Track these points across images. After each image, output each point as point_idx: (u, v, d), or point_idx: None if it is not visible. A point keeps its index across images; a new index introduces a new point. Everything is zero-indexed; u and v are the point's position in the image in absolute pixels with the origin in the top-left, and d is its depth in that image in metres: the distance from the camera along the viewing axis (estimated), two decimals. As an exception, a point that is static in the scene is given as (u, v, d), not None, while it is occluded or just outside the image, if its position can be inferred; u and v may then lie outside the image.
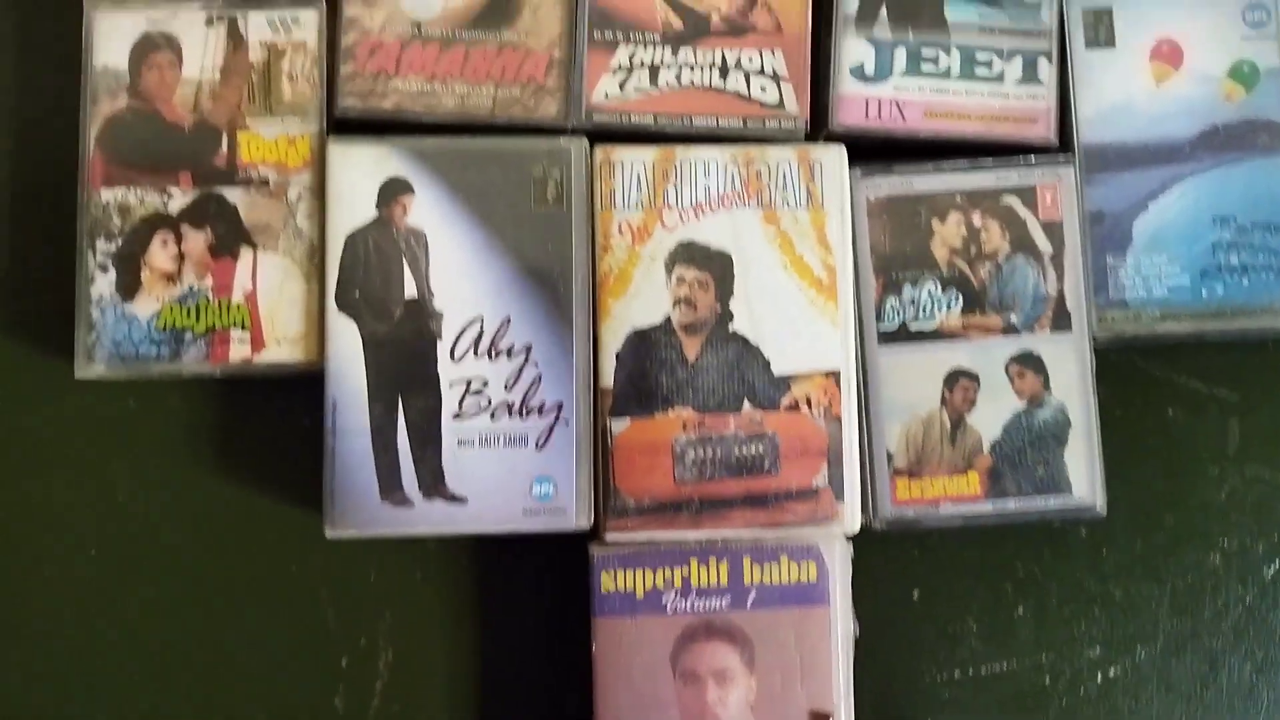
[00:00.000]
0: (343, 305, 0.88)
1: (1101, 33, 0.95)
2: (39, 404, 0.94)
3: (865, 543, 0.92)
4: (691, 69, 0.93)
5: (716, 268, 0.90)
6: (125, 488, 0.94)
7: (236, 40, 0.89)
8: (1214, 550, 0.97)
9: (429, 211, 0.88)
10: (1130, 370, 0.97)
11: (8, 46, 0.96)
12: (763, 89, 0.93)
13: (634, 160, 0.90)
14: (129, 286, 0.88)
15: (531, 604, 0.94)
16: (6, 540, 0.94)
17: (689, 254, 0.90)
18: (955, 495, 0.92)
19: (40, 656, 0.93)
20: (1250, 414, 0.98)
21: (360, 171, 0.88)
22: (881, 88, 0.94)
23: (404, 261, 0.88)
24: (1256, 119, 0.95)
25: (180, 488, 0.94)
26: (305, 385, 0.90)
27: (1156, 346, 0.97)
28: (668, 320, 0.89)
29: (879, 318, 0.93)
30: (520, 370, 0.88)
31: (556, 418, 0.88)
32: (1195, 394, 0.98)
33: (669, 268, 0.90)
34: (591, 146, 0.91)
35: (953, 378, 0.93)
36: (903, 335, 0.93)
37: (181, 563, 0.94)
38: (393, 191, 0.88)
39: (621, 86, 0.92)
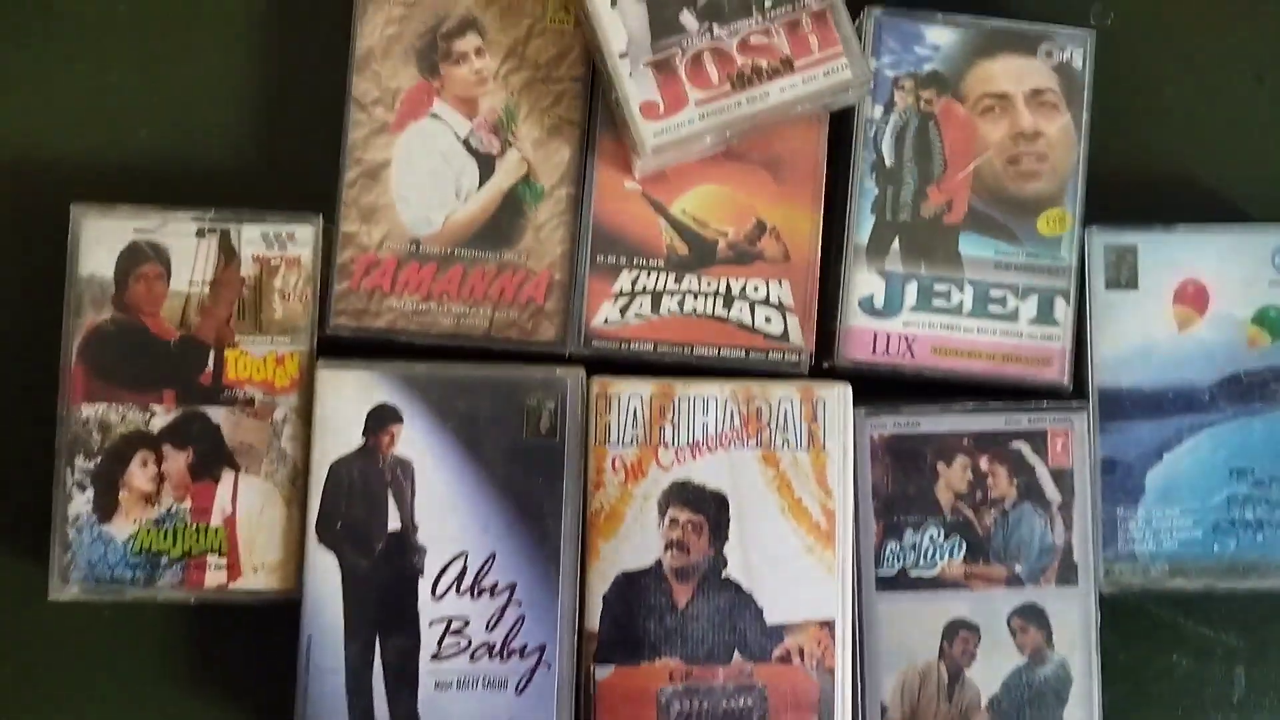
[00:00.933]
0: (324, 538, 0.85)
1: (1124, 272, 0.93)
2: (12, 619, 0.90)
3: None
4: (695, 296, 0.90)
5: (711, 510, 0.87)
6: (96, 711, 0.90)
7: (228, 254, 0.87)
8: (1220, 801, 0.93)
9: (417, 440, 0.86)
10: (1137, 614, 0.95)
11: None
12: (767, 319, 0.90)
13: (631, 394, 0.87)
14: (107, 507, 0.86)
15: None
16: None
17: (684, 495, 0.87)
18: (949, 754, 0.89)
19: None
20: (1257, 661, 0.95)
21: (348, 397, 0.86)
22: (891, 322, 0.91)
23: (389, 493, 0.85)
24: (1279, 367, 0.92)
25: (153, 712, 0.91)
26: (283, 611, 0.87)
27: (1165, 591, 0.93)
28: (659, 564, 0.86)
29: (878, 563, 0.90)
30: (503, 610, 0.85)
31: (539, 661, 0.85)
32: (1202, 639, 0.95)
33: (662, 508, 0.87)
34: (588, 375, 0.88)
35: (952, 629, 0.90)
36: (902, 582, 0.90)
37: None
38: (381, 420, 0.85)
39: (623, 312, 0.90)
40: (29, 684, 0.90)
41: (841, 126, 0.92)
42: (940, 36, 0.93)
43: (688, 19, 0.88)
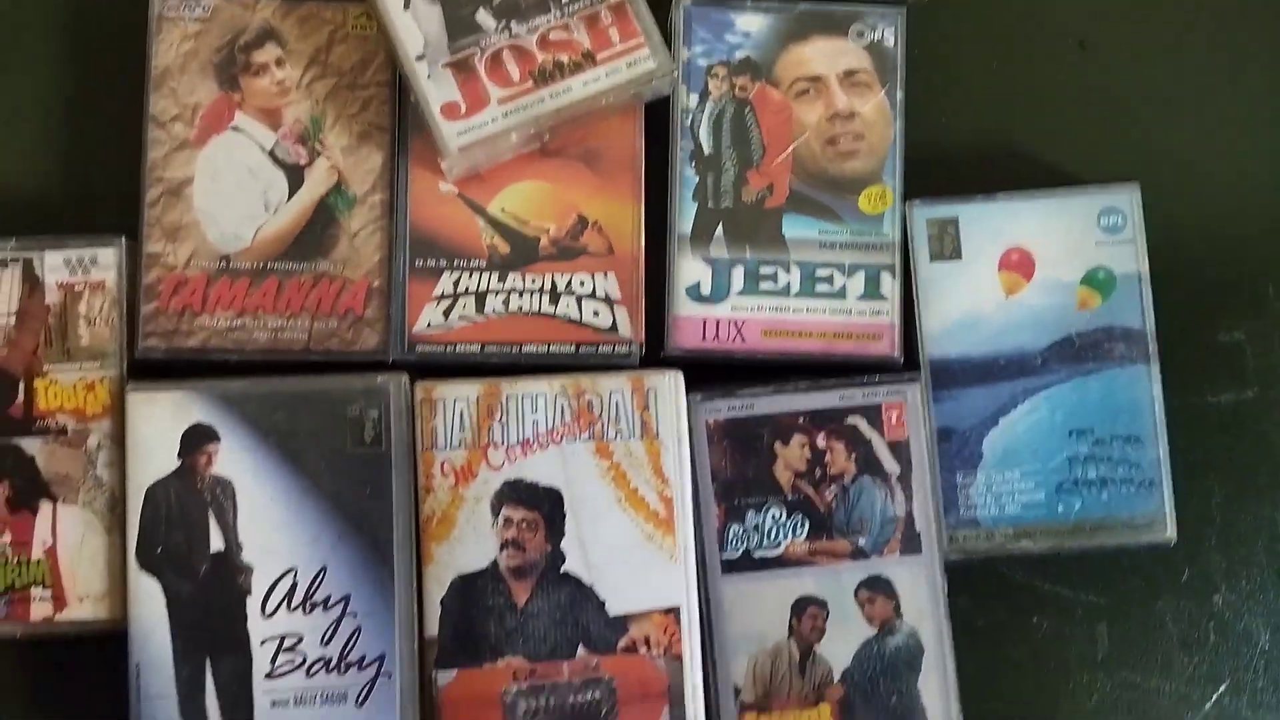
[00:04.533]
0: (144, 563, 0.83)
1: (947, 244, 0.93)
2: None
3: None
4: (520, 294, 0.89)
5: (546, 506, 0.86)
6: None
7: (32, 282, 0.85)
8: (1086, 761, 0.93)
9: (236, 459, 0.84)
10: (993, 578, 0.95)
11: None
12: (595, 313, 0.89)
13: (457, 397, 0.86)
14: (-81, 567, 0.83)
15: None
16: None
17: (516, 493, 0.86)
18: (806, 731, 0.88)
19: None
20: (1119, 618, 0.95)
21: (161, 420, 0.84)
22: (719, 308, 0.91)
23: (209, 513, 0.84)
24: (1114, 327, 0.93)
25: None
26: (115, 640, 0.85)
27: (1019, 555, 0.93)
28: (494, 564, 0.85)
29: (721, 546, 0.89)
30: (338, 623, 0.84)
31: (378, 671, 0.84)
32: (1061, 600, 0.95)
33: (495, 509, 0.86)
34: (412, 382, 0.86)
35: (800, 606, 0.89)
36: (747, 563, 0.89)
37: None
38: (196, 440, 0.84)
39: (446, 315, 0.89)
40: None
41: (658, 117, 0.92)
42: (751, 23, 0.93)
43: (484, 18, 0.87)
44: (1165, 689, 0.94)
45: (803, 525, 0.89)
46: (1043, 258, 0.93)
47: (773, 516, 0.89)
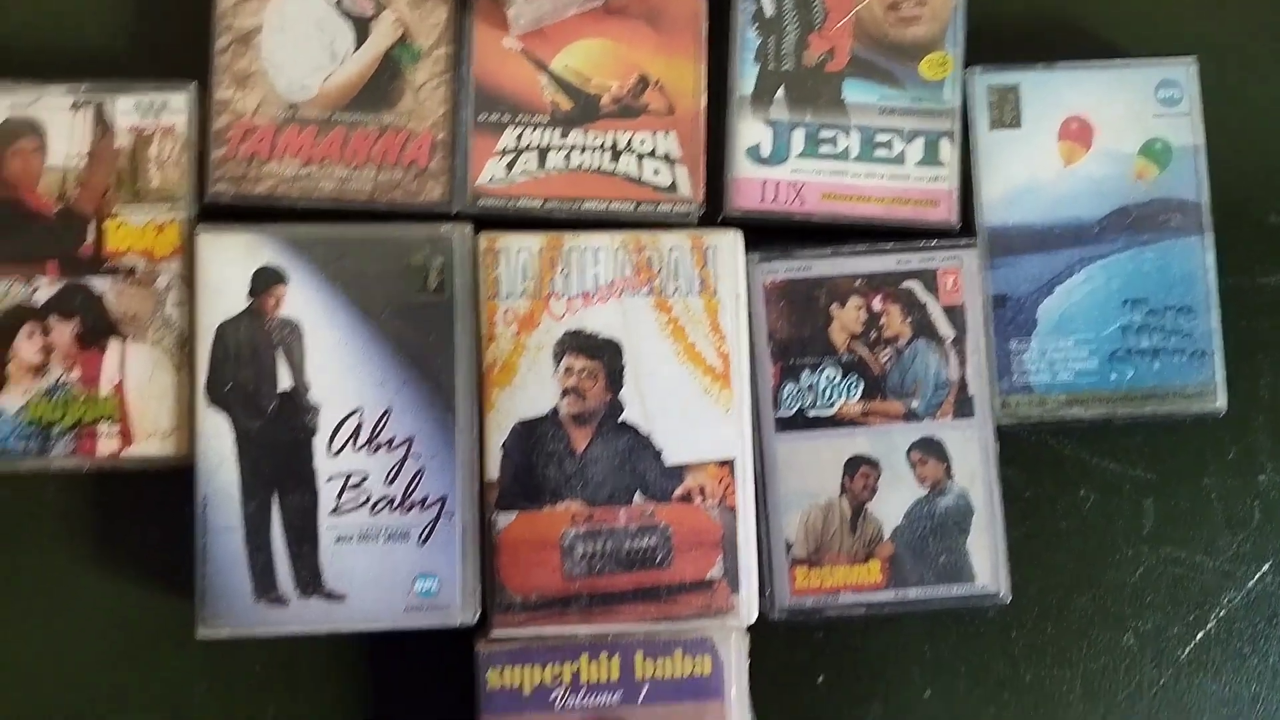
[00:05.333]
0: (214, 399, 0.85)
1: (1007, 112, 0.93)
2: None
3: (766, 631, 0.89)
4: (581, 151, 0.90)
5: (606, 357, 0.87)
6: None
7: (103, 126, 0.86)
8: (1127, 632, 0.95)
9: (304, 302, 0.85)
10: (1042, 451, 0.95)
11: None
12: (655, 172, 0.90)
13: (520, 248, 0.88)
14: (-5, 379, 0.85)
15: (418, 700, 0.91)
16: None
17: (577, 343, 0.87)
18: (856, 584, 0.89)
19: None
20: (1165, 494, 0.96)
21: (231, 261, 0.85)
22: (778, 170, 0.92)
23: (277, 353, 0.85)
24: (1169, 199, 0.93)
25: (52, 583, 0.90)
26: (179, 478, 0.87)
27: (1068, 426, 0.94)
28: (555, 411, 0.87)
29: (776, 405, 0.90)
30: (402, 463, 0.85)
31: (440, 512, 0.85)
32: (1109, 474, 0.96)
33: (557, 357, 0.87)
34: (476, 233, 0.88)
35: (853, 465, 0.90)
36: (801, 422, 0.90)
37: (53, 660, 0.90)
38: (264, 281, 0.85)
39: (508, 169, 0.90)
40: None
41: (721, -22, 0.93)
42: (815, -114, 0.93)
43: None
44: (1209, 565, 0.95)
45: (857, 386, 0.90)
46: (1101, 128, 0.93)
47: (827, 377, 0.90)
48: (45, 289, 0.86)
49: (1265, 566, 0.95)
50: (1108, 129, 0.93)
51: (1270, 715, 0.94)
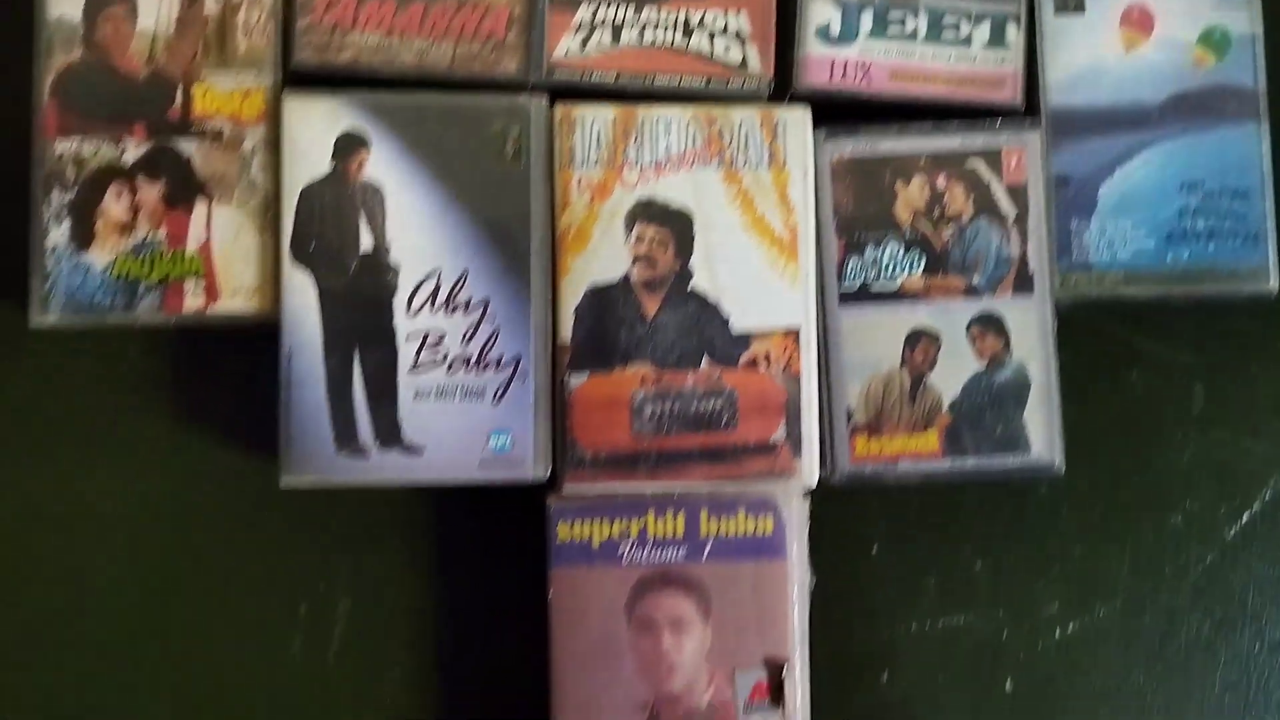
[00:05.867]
0: (298, 257, 0.87)
1: (1071, -2, 0.95)
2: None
3: (826, 497, 0.92)
4: (654, 28, 0.92)
5: (676, 225, 0.89)
6: (81, 438, 0.93)
7: (193, -8, 0.89)
8: (1175, 512, 0.97)
9: (385, 166, 0.88)
10: (1094, 334, 0.97)
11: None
12: (726, 49, 0.92)
13: (594, 118, 0.90)
14: (83, 236, 0.88)
15: (489, 554, 0.94)
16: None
17: (649, 211, 0.89)
18: (914, 453, 0.92)
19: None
20: (1214, 378, 0.98)
21: (315, 125, 0.88)
22: (847, 49, 0.94)
23: (360, 215, 0.88)
24: (1227, 85, 0.94)
25: (137, 438, 0.93)
26: (261, 338, 0.89)
27: (1121, 310, 0.96)
28: (626, 277, 0.89)
29: (840, 278, 0.93)
30: (478, 324, 0.88)
31: (514, 372, 0.88)
32: (1159, 357, 0.98)
33: (629, 225, 0.89)
34: (551, 104, 0.90)
35: (914, 337, 0.92)
36: (864, 295, 0.93)
37: (138, 511, 0.94)
38: (348, 146, 0.88)
39: (583, 45, 0.92)
40: (13, 417, 0.92)
41: None
42: None
43: None
44: (1256, 450, 0.97)
45: (919, 261, 0.92)
46: (1161, 15, 0.95)
47: (890, 252, 0.92)
48: (133, 150, 0.88)
49: (1311, 450, 0.97)
50: (1167, 17, 0.95)
51: (1316, 593, 0.97)
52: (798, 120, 0.91)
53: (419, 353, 0.87)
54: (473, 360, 0.87)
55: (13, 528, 0.93)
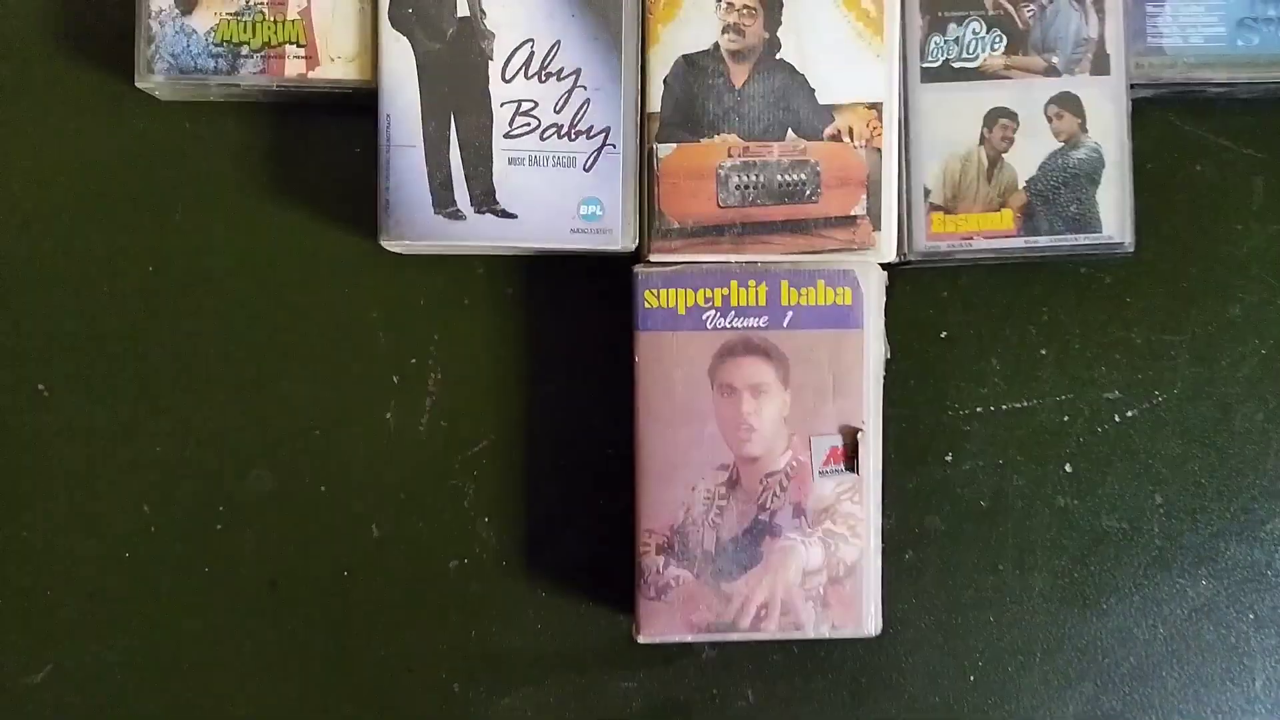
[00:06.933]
0: (396, 22, 0.89)
1: None
2: (99, 122, 0.95)
3: (898, 279, 0.95)
4: None
5: (765, -9, 0.91)
6: (180, 208, 0.96)
7: None
8: (1234, 303, 1.00)
9: (481, -67, 0.89)
10: (1163, 126, 0.99)
11: None
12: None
13: (685, -113, 0.91)
14: (188, 1, 0.89)
15: (576, 322, 0.97)
16: (67, 255, 0.96)
17: (738, -20, 0.91)
18: (989, 230, 0.94)
19: (97, 364, 0.96)
20: (1276, 173, 0.99)
21: (414, -110, 0.89)
22: None
23: (457, -20, 0.89)
24: None
25: (234, 208, 0.96)
26: (358, 111, 0.91)
27: (1189, 104, 0.98)
28: (716, 46, 0.91)
29: (923, 55, 0.94)
30: (570, 93, 0.90)
31: (604, 141, 0.90)
32: (1224, 151, 1.00)
33: (718, -7, 0.91)
34: (643, -126, 0.91)
35: (992, 116, 0.94)
36: (945, 73, 0.94)
37: (236, 281, 0.97)
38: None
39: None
40: (116, 186, 0.96)
41: None
42: None
43: None
44: (1314, 241, 0.99)
45: (1000, 40, 0.94)
46: None
47: (973, 30, 0.94)
48: (226, -84, 0.89)
49: (1365, 249, 0.99)
50: None
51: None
52: (885, -104, 0.92)
53: (513, 120, 0.90)
54: (564, 128, 0.90)
55: (110, 289, 0.96)
